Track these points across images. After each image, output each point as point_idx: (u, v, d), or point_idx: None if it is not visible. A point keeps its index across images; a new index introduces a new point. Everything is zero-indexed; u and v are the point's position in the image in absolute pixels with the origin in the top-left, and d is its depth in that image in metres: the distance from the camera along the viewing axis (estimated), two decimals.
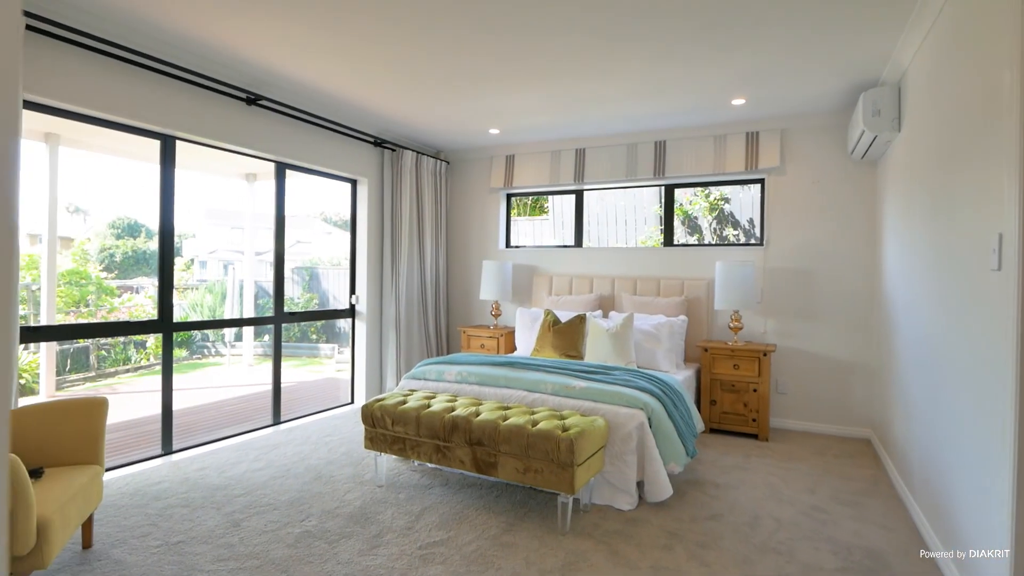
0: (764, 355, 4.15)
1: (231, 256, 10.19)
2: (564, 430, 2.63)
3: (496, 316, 5.42)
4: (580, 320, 4.34)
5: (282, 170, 4.40)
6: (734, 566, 2.34)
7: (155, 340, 3.62)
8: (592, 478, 2.79)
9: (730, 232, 6.87)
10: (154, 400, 3.59)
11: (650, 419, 2.99)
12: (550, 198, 7.56)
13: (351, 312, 5.19)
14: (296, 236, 11.06)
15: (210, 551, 2.39)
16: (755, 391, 4.17)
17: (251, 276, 7.71)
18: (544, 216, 7.97)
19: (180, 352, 8.42)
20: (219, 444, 3.85)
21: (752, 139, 4.54)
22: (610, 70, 3.51)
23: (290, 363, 8.47)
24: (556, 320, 4.42)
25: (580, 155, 5.25)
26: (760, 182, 4.69)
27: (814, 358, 4.42)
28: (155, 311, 3.56)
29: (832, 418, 4.36)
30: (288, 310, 6.48)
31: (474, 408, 2.99)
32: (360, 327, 5.16)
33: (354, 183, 5.16)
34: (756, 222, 6.40)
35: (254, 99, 3.84)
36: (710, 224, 6.97)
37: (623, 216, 7.58)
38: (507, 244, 5.86)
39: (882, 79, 3.51)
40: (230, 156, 4.13)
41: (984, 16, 1.97)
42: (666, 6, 2.68)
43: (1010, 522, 1.65)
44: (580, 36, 3.03)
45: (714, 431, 4.33)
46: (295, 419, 4.56)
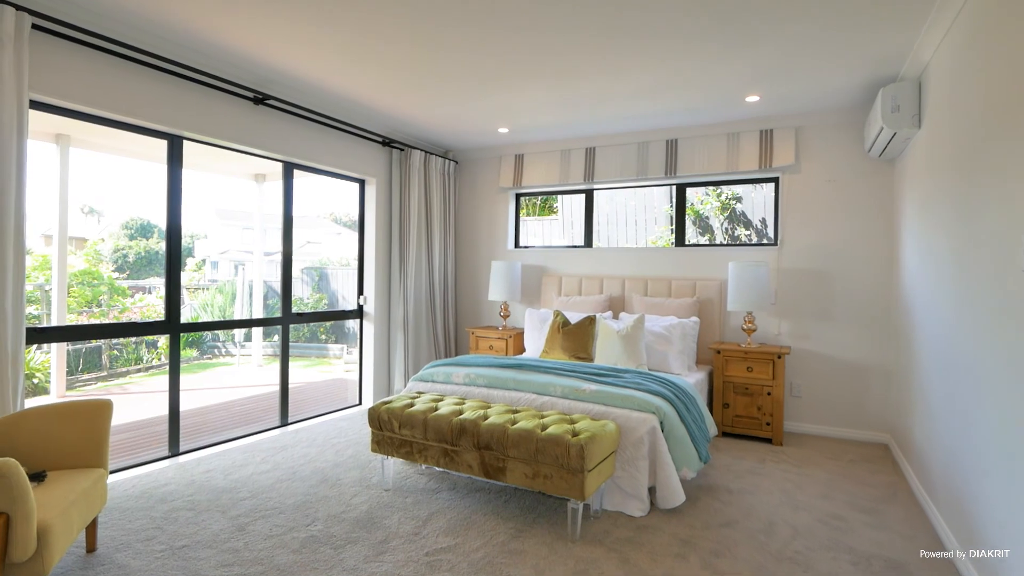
0: (778, 357, 4.06)
1: (242, 256, 10.24)
2: (574, 435, 2.58)
3: (505, 317, 5.36)
4: (590, 321, 4.27)
5: (290, 170, 4.37)
6: None
7: (165, 340, 3.61)
8: (603, 484, 2.73)
9: (742, 232, 6.77)
10: (164, 400, 3.58)
11: (662, 423, 2.92)
12: (559, 198, 7.51)
13: (359, 313, 5.16)
14: (306, 237, 11.10)
15: (214, 556, 2.36)
16: (769, 394, 4.08)
17: (261, 276, 7.73)
18: (553, 216, 7.91)
19: (191, 352, 8.46)
20: (226, 446, 3.83)
21: (766, 137, 4.45)
22: (621, 67, 3.45)
23: (299, 363, 8.48)
24: (565, 321, 4.36)
25: (590, 154, 5.18)
26: (774, 181, 4.60)
27: (829, 360, 4.32)
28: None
29: (848, 422, 4.26)
30: (297, 310, 6.48)
31: (482, 411, 2.93)
32: (368, 328, 5.13)
33: (362, 183, 5.13)
34: (769, 222, 6.30)
35: (261, 98, 3.82)
36: (721, 224, 6.87)
37: (633, 216, 7.51)
38: (516, 244, 5.80)
39: (901, 74, 3.42)
40: (239, 157, 4.11)
41: (1012, 6, 1.88)
42: (680, 0, 2.62)
43: None
44: (591, 32, 2.97)
45: (727, 435, 4.25)
46: (303, 420, 4.54)
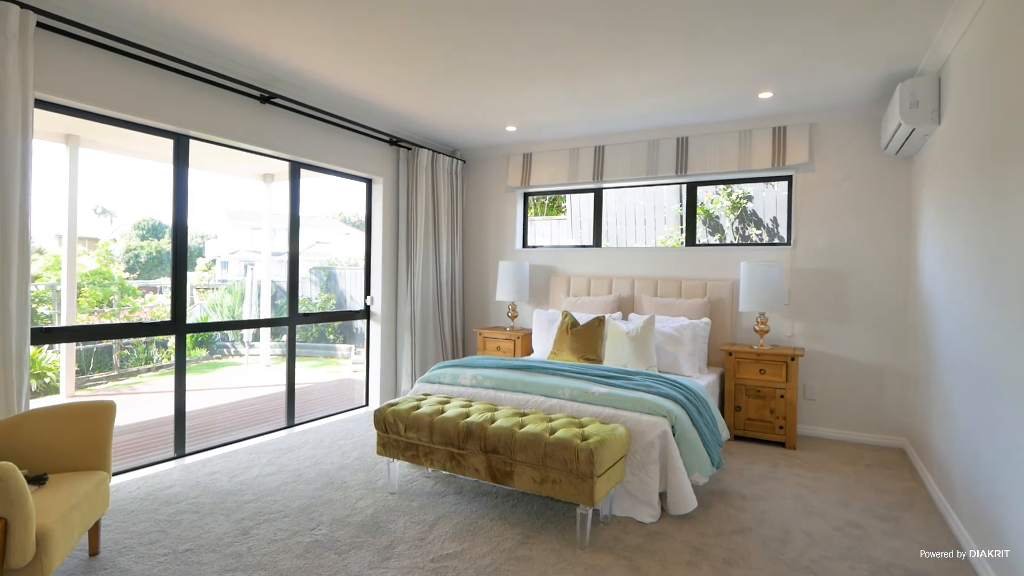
0: (792, 359, 3.97)
1: (251, 256, 10.26)
2: (583, 439, 2.52)
3: (512, 318, 5.31)
4: (599, 322, 4.20)
5: (296, 169, 4.35)
6: None
7: (174, 340, 3.60)
8: (612, 489, 2.67)
9: (753, 231, 6.67)
10: (171, 401, 3.56)
11: (673, 427, 2.85)
12: (568, 197, 7.44)
13: (366, 313, 5.13)
14: (315, 236, 11.10)
15: (217, 560, 2.33)
16: (782, 397, 4.00)
17: (269, 277, 7.74)
18: (562, 216, 7.85)
19: (200, 352, 8.48)
20: (232, 447, 3.81)
21: (779, 134, 4.36)
22: (631, 63, 3.38)
23: (307, 363, 8.48)
24: (574, 322, 4.29)
25: (599, 152, 5.11)
26: (787, 179, 4.51)
27: (844, 362, 4.22)
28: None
29: (864, 426, 4.17)
30: (305, 310, 6.46)
31: (489, 414, 2.88)
32: (375, 328, 5.10)
33: (369, 182, 5.10)
34: (781, 221, 6.20)
35: (268, 97, 3.79)
36: (732, 223, 6.78)
37: (642, 215, 7.43)
38: (524, 244, 5.75)
39: (920, 69, 3.32)
40: (247, 157, 4.09)
41: None
42: None
43: None
44: (600, 29, 2.91)
45: (739, 438, 4.17)
46: (309, 421, 4.51)
